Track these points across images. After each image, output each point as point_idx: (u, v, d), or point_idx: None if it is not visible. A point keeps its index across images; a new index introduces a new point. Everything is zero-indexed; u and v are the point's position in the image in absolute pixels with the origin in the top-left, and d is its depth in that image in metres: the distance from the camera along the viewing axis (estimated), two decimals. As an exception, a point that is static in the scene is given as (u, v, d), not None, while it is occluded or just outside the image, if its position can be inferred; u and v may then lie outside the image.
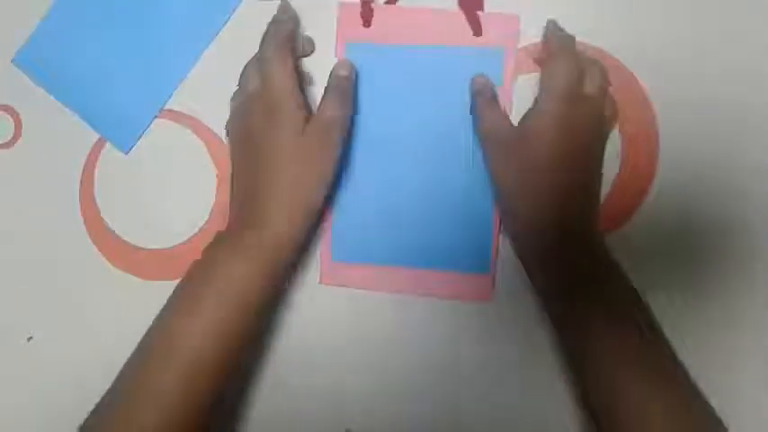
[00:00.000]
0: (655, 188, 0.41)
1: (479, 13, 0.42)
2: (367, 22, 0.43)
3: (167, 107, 0.45)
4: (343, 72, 0.41)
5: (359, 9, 0.43)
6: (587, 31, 0.41)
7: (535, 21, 0.42)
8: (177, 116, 0.45)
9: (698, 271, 0.41)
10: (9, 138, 0.47)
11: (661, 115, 0.41)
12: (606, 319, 0.36)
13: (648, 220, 0.41)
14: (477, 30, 0.42)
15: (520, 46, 0.42)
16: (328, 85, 0.40)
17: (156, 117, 0.45)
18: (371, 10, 0.43)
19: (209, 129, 0.45)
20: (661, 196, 0.41)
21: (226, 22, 0.45)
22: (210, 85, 0.45)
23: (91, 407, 0.37)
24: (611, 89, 0.40)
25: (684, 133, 0.41)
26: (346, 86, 0.40)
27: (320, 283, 0.43)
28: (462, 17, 0.42)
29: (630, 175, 0.41)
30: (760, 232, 0.41)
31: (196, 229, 0.45)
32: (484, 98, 0.40)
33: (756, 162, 0.41)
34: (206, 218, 0.45)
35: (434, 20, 0.42)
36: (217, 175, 0.45)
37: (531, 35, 0.42)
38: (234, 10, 0.45)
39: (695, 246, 0.41)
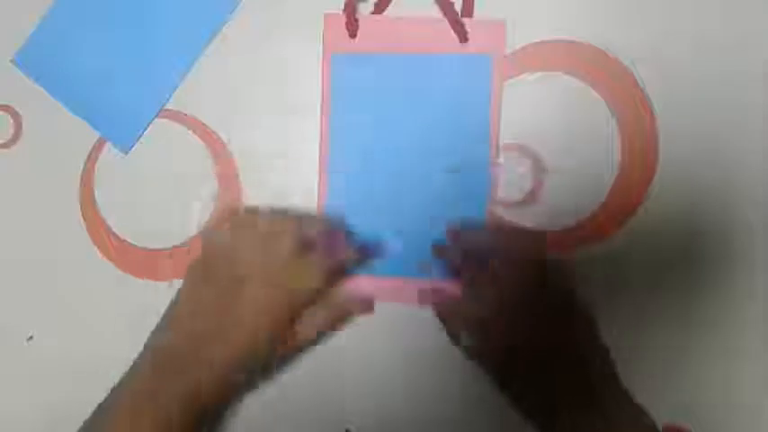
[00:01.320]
0: (655, 188, 0.41)
1: (465, 20, 0.42)
2: (353, 33, 0.43)
3: (167, 107, 0.45)
4: (351, 311, 0.41)
5: (344, 20, 0.43)
6: (587, 32, 0.41)
7: (533, 24, 0.42)
8: (177, 116, 0.45)
9: (698, 271, 0.41)
10: (9, 138, 0.47)
11: (661, 115, 0.41)
12: None
13: (648, 220, 0.41)
14: (462, 37, 0.42)
15: (508, 51, 0.42)
16: (333, 308, 0.40)
17: (156, 117, 0.45)
18: (356, 21, 0.43)
19: (209, 129, 0.45)
20: (661, 196, 0.41)
21: (226, 22, 0.45)
22: (210, 85, 0.45)
23: (90, 407, 0.37)
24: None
25: (684, 133, 0.41)
26: (340, 322, 0.41)
27: None
28: (446, 26, 0.42)
29: (630, 176, 0.41)
30: (760, 232, 0.41)
31: (196, 230, 0.45)
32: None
33: (756, 162, 0.41)
34: (206, 218, 0.45)
35: (420, 29, 0.42)
36: (217, 175, 0.45)
37: (521, 40, 0.42)
38: (234, 10, 0.45)
39: (695, 246, 0.41)
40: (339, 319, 0.41)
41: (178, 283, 0.40)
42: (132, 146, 0.46)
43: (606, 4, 0.42)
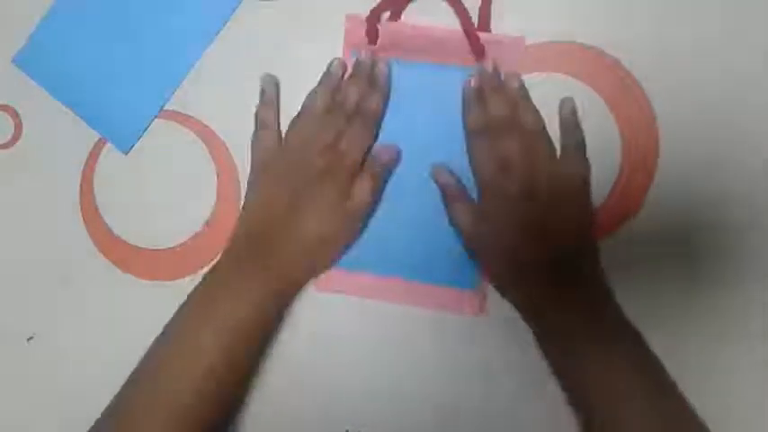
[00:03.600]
0: (655, 188, 0.41)
1: (483, 34, 0.42)
2: (372, 41, 0.43)
3: (167, 107, 0.45)
4: (386, 157, 0.42)
5: (364, 27, 0.43)
6: (587, 32, 0.41)
7: (536, 24, 0.42)
8: (177, 116, 0.45)
9: (698, 271, 0.41)
10: (9, 138, 0.47)
11: (661, 115, 0.41)
12: (610, 359, 0.36)
13: (648, 219, 0.41)
14: (479, 55, 0.42)
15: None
16: (370, 167, 0.41)
17: (156, 117, 0.45)
18: (377, 30, 0.43)
19: (208, 128, 0.45)
20: (661, 196, 0.41)
21: (226, 22, 0.45)
22: (210, 85, 0.45)
23: (90, 407, 0.37)
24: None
25: (684, 133, 0.41)
26: (383, 174, 0.42)
27: (316, 289, 0.43)
28: (465, 40, 0.42)
29: (630, 176, 0.41)
30: (760, 232, 0.41)
31: (196, 229, 0.45)
32: (452, 194, 0.41)
33: (756, 162, 0.41)
34: (206, 218, 0.45)
35: (438, 38, 0.42)
36: (217, 175, 0.45)
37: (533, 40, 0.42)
38: (234, 10, 0.45)
39: (695, 246, 0.41)
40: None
41: (178, 283, 0.40)
42: (132, 146, 0.46)
43: (606, 5, 0.42)
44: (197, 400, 0.36)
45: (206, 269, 0.41)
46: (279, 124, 0.43)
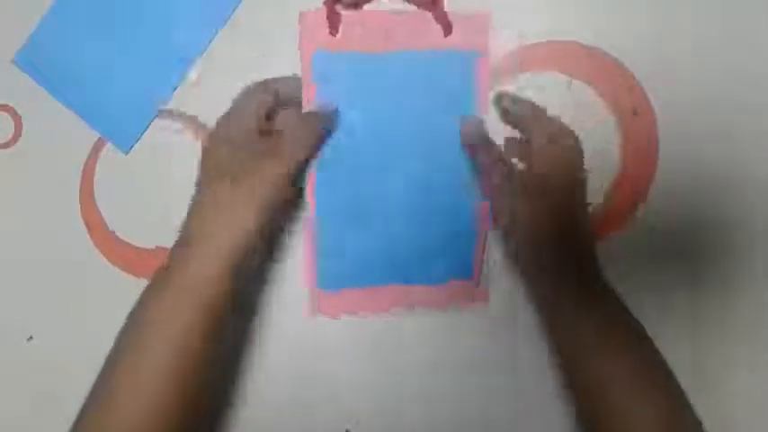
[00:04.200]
0: (655, 188, 0.41)
1: (449, 11, 0.41)
2: (334, 28, 0.41)
3: (167, 107, 0.45)
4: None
5: (325, 15, 0.41)
6: (587, 31, 0.41)
7: (533, 24, 0.42)
8: (177, 116, 0.45)
9: (698, 270, 0.41)
10: (9, 138, 0.47)
11: (661, 115, 0.41)
12: (600, 328, 0.36)
13: (648, 219, 0.41)
14: (447, 29, 0.41)
15: (508, 51, 0.42)
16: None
17: (156, 117, 0.45)
18: (338, 15, 0.41)
19: (209, 129, 0.45)
20: (661, 196, 0.41)
21: (226, 22, 0.45)
22: (210, 85, 0.45)
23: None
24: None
25: (684, 133, 0.41)
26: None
27: (319, 312, 0.43)
28: (429, 19, 0.41)
29: (630, 175, 0.41)
30: (759, 231, 0.41)
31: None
32: (484, 151, 0.40)
33: (756, 162, 0.41)
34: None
35: (402, 23, 0.41)
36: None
37: (522, 40, 0.42)
38: (234, 10, 0.45)
39: (695, 245, 0.41)
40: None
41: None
42: (132, 146, 0.46)
43: (606, 4, 0.42)
44: (179, 360, 0.35)
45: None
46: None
